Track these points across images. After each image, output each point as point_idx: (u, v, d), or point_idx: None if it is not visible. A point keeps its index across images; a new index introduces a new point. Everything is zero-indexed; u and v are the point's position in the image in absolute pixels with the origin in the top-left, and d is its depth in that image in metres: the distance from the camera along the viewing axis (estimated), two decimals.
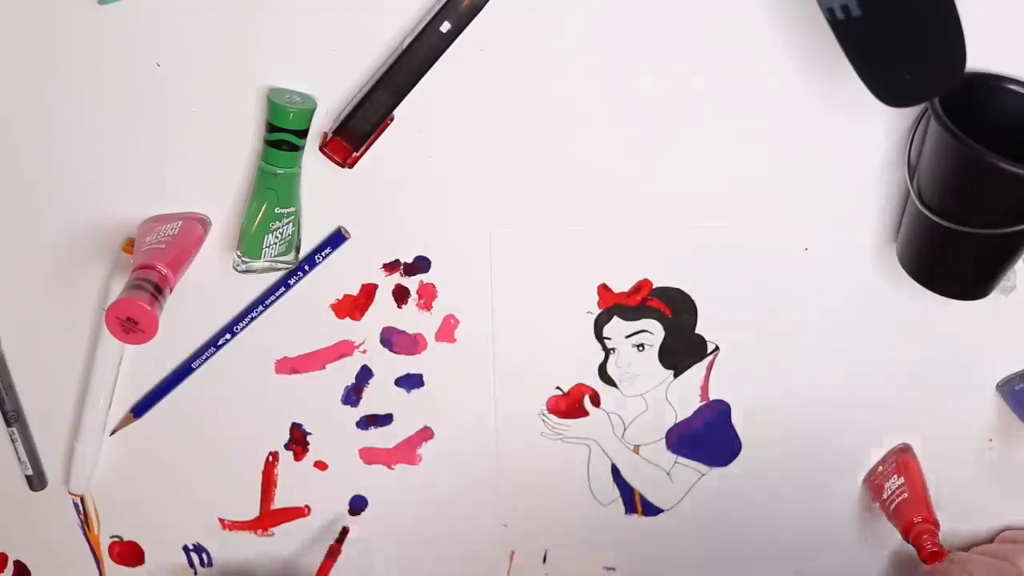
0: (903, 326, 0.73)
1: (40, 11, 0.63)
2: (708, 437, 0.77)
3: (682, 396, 0.76)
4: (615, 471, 0.79)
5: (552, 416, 0.77)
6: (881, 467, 0.77)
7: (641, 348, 0.74)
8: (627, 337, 0.74)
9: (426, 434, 0.78)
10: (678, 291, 0.72)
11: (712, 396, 0.76)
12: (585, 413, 0.76)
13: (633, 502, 0.80)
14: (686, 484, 0.79)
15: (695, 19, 0.63)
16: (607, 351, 0.74)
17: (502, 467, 0.78)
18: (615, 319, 0.73)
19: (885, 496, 0.76)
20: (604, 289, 0.72)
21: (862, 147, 0.67)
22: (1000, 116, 0.62)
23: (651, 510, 0.80)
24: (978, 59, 0.59)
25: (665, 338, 0.74)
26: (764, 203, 0.69)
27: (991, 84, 0.62)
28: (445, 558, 0.83)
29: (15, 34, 0.64)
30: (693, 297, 0.72)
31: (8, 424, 0.77)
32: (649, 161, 0.68)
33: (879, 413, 0.76)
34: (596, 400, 0.76)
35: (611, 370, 0.75)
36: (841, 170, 0.67)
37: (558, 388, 0.76)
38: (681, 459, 0.78)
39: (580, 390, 0.76)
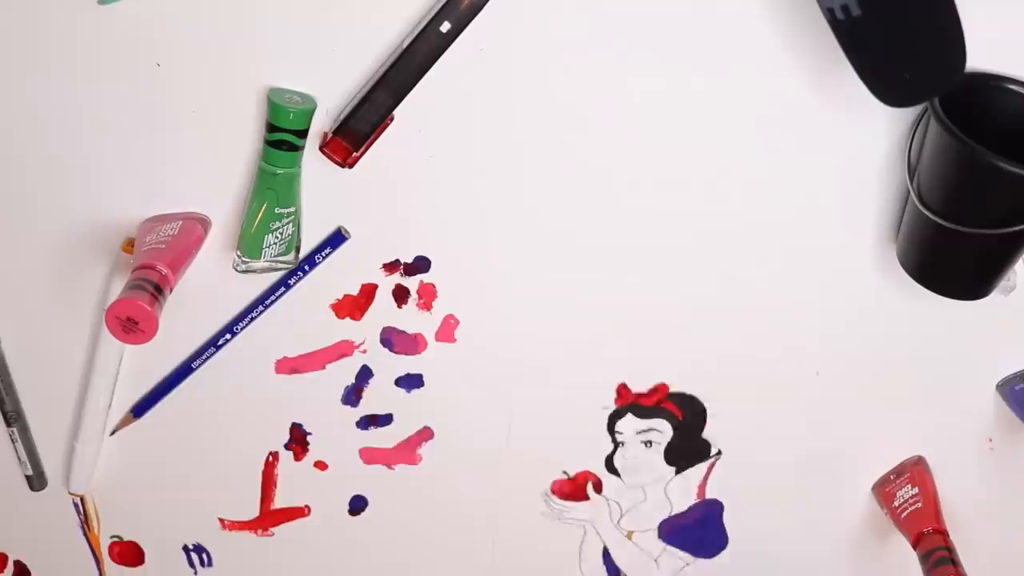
0: (903, 326, 0.73)
1: (40, 11, 0.63)
2: (699, 531, 0.80)
3: (680, 491, 0.79)
4: (605, 553, 0.81)
5: (554, 497, 0.79)
6: (894, 476, 0.77)
7: (649, 445, 0.77)
8: (637, 433, 0.76)
9: (426, 434, 0.78)
10: (692, 398, 0.75)
11: (708, 495, 0.79)
12: (586, 497, 0.79)
13: None
14: (671, 571, 0.82)
15: (695, 19, 0.63)
16: (616, 443, 0.77)
17: (499, 546, 0.82)
18: (629, 415, 0.76)
19: (896, 504, 0.76)
20: (624, 388, 0.74)
21: (862, 147, 0.67)
22: (1000, 116, 0.62)
23: None
24: (978, 59, 0.59)
25: (673, 438, 0.76)
26: (763, 200, 0.69)
27: (991, 84, 0.62)
28: (445, 558, 0.83)
29: (15, 34, 0.64)
30: (705, 405, 0.75)
31: (8, 424, 0.77)
32: (650, 172, 0.68)
33: (877, 413, 0.76)
34: (598, 487, 0.79)
35: (617, 461, 0.77)
36: (841, 170, 0.67)
37: (564, 472, 0.78)
38: (670, 548, 0.81)
39: (585, 476, 0.78)
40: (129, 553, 0.83)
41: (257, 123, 0.66)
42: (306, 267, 0.71)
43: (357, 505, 0.81)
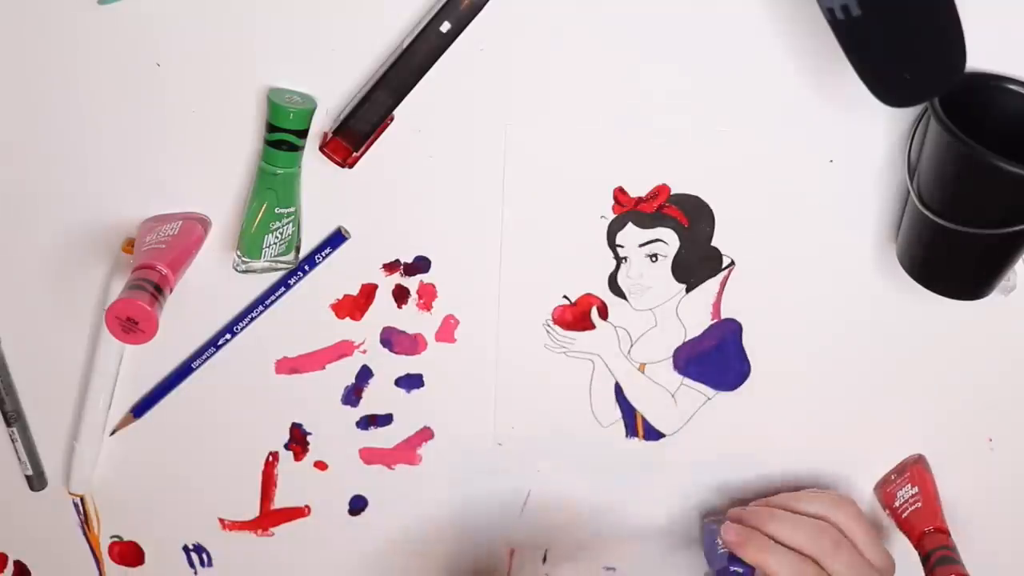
0: (903, 326, 0.73)
1: (40, 11, 0.63)
2: (717, 357, 0.75)
3: (693, 312, 0.73)
4: (618, 390, 0.76)
5: (557, 327, 0.74)
6: (894, 476, 0.77)
7: (654, 259, 0.71)
8: (640, 246, 0.71)
9: (426, 434, 0.78)
10: (697, 199, 0.69)
11: (724, 314, 0.74)
12: (592, 326, 0.74)
13: (635, 424, 0.78)
14: (691, 408, 0.77)
15: (695, 19, 0.63)
16: (619, 260, 0.71)
17: (501, 381, 0.76)
18: (629, 226, 0.70)
19: (897, 504, 0.76)
20: (620, 192, 0.69)
21: (862, 147, 0.67)
22: (1000, 116, 0.62)
23: (653, 434, 0.78)
24: (978, 59, 0.59)
25: (680, 249, 0.71)
26: (763, 199, 0.69)
27: (991, 84, 0.62)
28: (445, 558, 0.83)
29: (15, 34, 0.64)
30: (712, 206, 0.69)
31: (8, 424, 0.77)
32: (646, 158, 0.68)
33: (877, 413, 0.76)
34: (604, 312, 0.73)
35: (621, 280, 0.72)
36: (841, 170, 0.67)
37: (565, 297, 0.73)
38: (687, 380, 0.76)
39: (588, 300, 0.73)
40: (129, 553, 0.83)
41: (257, 123, 0.66)
42: (306, 267, 0.71)
43: (357, 505, 0.81)
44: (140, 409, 0.76)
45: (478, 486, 0.80)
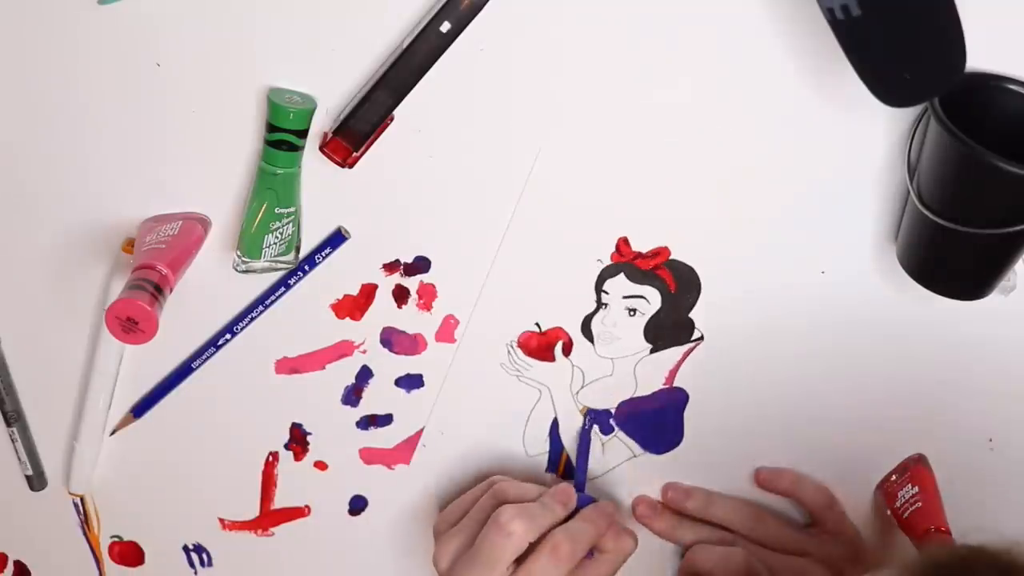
0: (902, 326, 0.73)
1: (40, 11, 0.63)
2: (656, 421, 0.76)
3: (650, 373, 0.75)
4: (554, 426, 0.77)
5: (519, 351, 0.74)
6: (895, 476, 0.77)
7: (633, 313, 0.72)
8: (624, 297, 0.72)
9: None
10: (691, 270, 0.71)
11: (677, 383, 0.75)
12: (552, 358, 0.74)
13: (558, 462, 0.78)
14: (615, 460, 0.78)
15: (695, 19, 0.63)
16: (599, 305, 0.72)
17: (447, 385, 0.76)
18: (621, 276, 0.71)
19: (898, 504, 0.76)
20: (624, 243, 0.70)
21: (862, 147, 0.67)
22: (1000, 116, 0.62)
23: (571, 476, 0.78)
24: (978, 59, 0.59)
25: (659, 311, 0.72)
26: (763, 199, 0.69)
27: (991, 84, 0.62)
28: None
29: (15, 34, 0.64)
30: (702, 281, 0.71)
31: (8, 424, 0.77)
32: (647, 161, 0.68)
33: (877, 413, 0.76)
34: (568, 349, 0.74)
35: (595, 324, 0.73)
36: (841, 170, 0.67)
37: (536, 324, 0.73)
38: (620, 434, 0.77)
39: (556, 334, 0.74)
40: (129, 553, 0.83)
41: (257, 123, 0.66)
42: (306, 267, 0.71)
43: (357, 505, 0.81)
44: (140, 409, 0.77)
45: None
